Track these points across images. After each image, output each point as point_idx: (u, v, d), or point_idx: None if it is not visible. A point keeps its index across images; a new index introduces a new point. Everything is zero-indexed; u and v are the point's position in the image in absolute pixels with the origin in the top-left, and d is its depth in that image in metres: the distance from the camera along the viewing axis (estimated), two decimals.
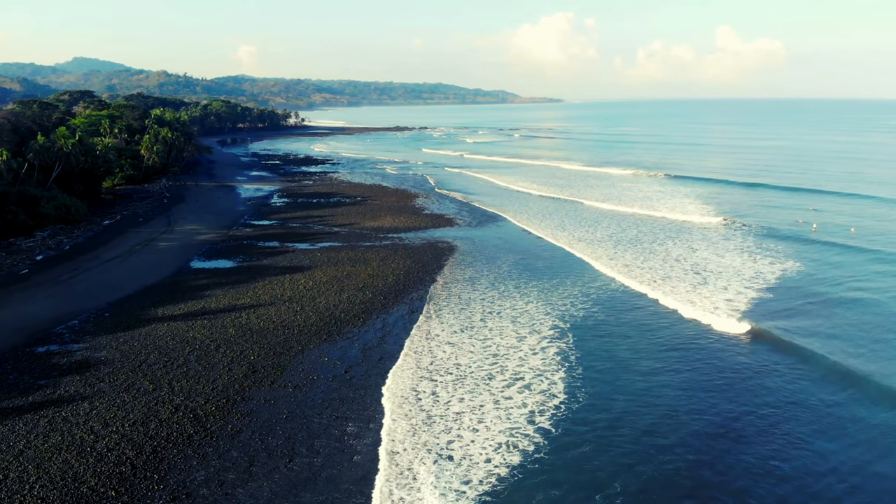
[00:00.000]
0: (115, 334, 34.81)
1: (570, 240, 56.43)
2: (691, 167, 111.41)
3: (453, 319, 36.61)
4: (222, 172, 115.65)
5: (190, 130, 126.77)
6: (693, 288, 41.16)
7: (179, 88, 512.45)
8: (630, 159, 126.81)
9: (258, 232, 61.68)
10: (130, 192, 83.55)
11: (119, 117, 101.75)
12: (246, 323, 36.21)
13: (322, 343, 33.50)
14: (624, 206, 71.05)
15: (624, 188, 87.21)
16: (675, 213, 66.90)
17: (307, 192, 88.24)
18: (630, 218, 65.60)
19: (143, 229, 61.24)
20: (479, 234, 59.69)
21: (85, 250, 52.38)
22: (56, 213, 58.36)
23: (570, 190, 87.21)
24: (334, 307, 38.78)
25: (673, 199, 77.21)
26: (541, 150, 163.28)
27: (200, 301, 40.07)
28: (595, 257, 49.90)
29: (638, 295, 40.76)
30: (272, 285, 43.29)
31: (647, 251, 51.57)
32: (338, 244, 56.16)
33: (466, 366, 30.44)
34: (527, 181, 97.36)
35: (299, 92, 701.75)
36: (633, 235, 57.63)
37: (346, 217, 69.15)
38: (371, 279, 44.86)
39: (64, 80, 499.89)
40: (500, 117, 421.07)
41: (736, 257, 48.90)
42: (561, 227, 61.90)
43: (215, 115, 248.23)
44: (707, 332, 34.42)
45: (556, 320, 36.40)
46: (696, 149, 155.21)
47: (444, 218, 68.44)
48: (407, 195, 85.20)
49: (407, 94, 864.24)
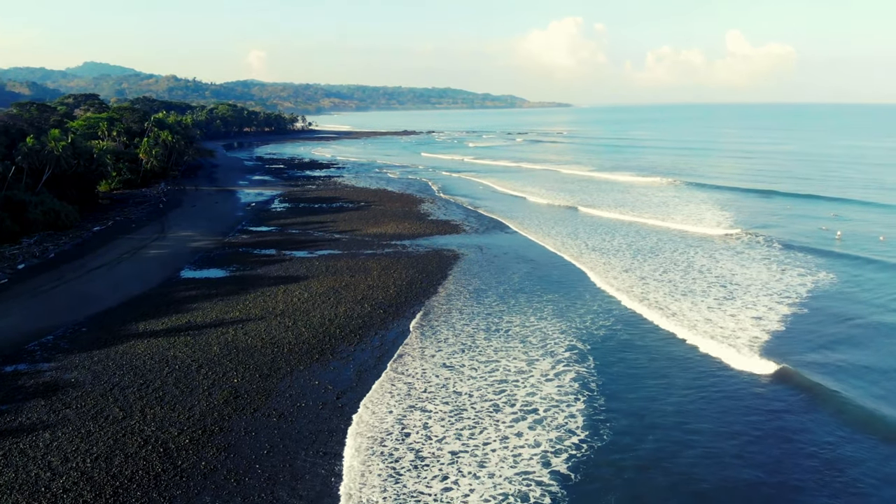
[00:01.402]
0: (90, 352, 32.04)
1: (584, 249, 53.36)
2: (706, 173, 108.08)
3: (453, 338, 33.56)
4: (224, 176, 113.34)
5: (192, 134, 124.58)
6: (718, 304, 37.91)
7: (188, 93, 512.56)
8: (642, 164, 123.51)
9: (255, 239, 58.97)
10: (127, 197, 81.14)
11: (118, 120, 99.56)
12: (232, 340, 33.37)
13: (313, 363, 30.60)
14: (639, 216, 67.13)
15: (637, 195, 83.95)
16: (692, 221, 63.51)
17: (309, 197, 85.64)
18: (646, 228, 61.89)
19: (135, 236, 58.62)
20: (486, 242, 56.73)
21: (71, 258, 49.76)
22: (44, 218, 55.84)
23: (580, 196, 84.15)
24: (329, 322, 35.90)
25: (689, 206, 74.00)
26: (549, 155, 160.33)
27: (186, 315, 37.29)
28: (610, 268, 46.80)
29: (661, 312, 37.56)
30: (264, 297, 40.48)
31: (668, 262, 48.31)
32: (338, 252, 53.36)
33: (467, 394, 27.12)
34: (535, 187, 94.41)
35: (308, 97, 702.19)
36: (652, 245, 54.38)
37: (347, 223, 66.40)
38: (371, 290, 41.99)
39: (74, 84, 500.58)
40: (509, 121, 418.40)
41: (762, 269, 45.62)
42: (573, 236, 58.83)
43: (221, 118, 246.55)
44: (741, 359, 30.26)
45: (573, 340, 33.13)
46: (709, 153, 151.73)
47: (450, 224, 65.56)
48: (412, 200, 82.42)
49: (415, 99, 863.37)
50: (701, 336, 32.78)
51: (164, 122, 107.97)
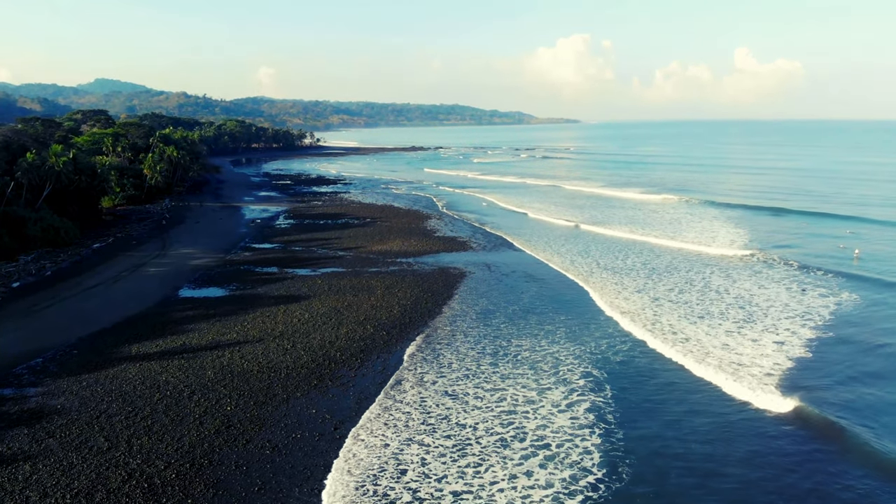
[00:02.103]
0: (79, 376, 30.63)
1: (595, 268, 51.73)
2: (717, 189, 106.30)
3: (457, 363, 31.89)
4: (230, 192, 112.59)
5: (198, 149, 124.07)
6: (738, 328, 36.11)
7: (198, 109, 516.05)
8: (652, 181, 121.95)
9: (257, 256, 57.67)
10: (130, 213, 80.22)
11: (123, 136, 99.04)
12: (228, 364, 31.88)
13: (311, 390, 29.04)
14: (651, 234, 64.84)
15: (648, 213, 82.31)
16: (706, 239, 61.57)
17: (315, 214, 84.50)
18: (658, 247, 59.73)
19: (135, 253, 57.45)
20: (493, 260, 55.21)
21: (68, 276, 48.56)
22: (44, 235, 54.78)
23: (590, 213, 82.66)
24: (329, 345, 34.38)
25: (702, 223, 72.31)
26: (558, 171, 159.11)
27: (181, 336, 35.87)
28: (623, 287, 45.13)
29: (677, 336, 35.83)
30: (263, 318, 39.03)
31: (684, 281, 46.54)
32: (341, 270, 51.96)
33: (471, 426, 25.28)
34: (543, 204, 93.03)
35: (317, 113, 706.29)
36: (666, 264, 52.59)
37: (352, 240, 65.07)
38: (374, 311, 40.49)
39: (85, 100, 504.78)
40: (517, 138, 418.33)
41: (781, 290, 43.81)
42: (584, 254, 57.22)
43: (229, 134, 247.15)
44: (765, 395, 27.70)
45: (587, 366, 31.30)
46: (719, 169, 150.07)
47: (456, 241, 64.11)
48: (418, 216, 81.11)
49: (424, 116, 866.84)
50: (721, 364, 30.94)
51: (169, 138, 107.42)
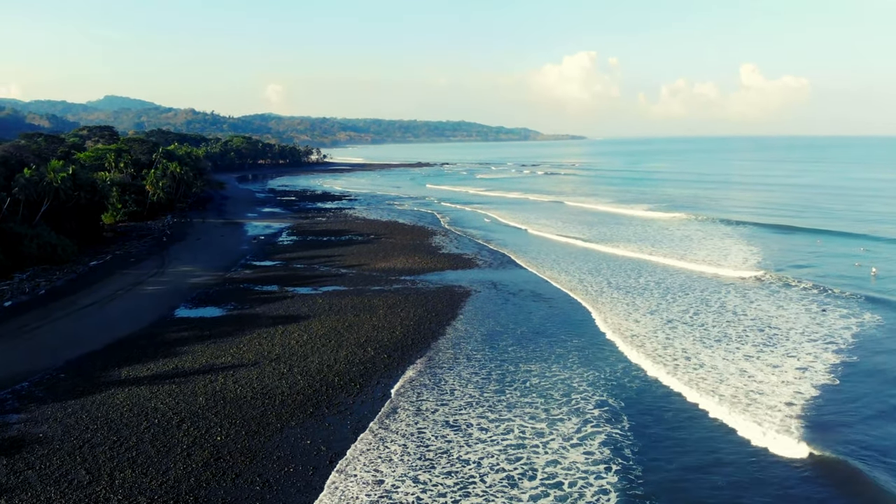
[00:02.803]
0: (65, 402, 29.16)
1: (606, 287, 50.07)
2: (728, 206, 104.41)
3: (460, 389, 30.20)
4: (234, 209, 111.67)
5: (202, 165, 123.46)
6: (757, 352, 34.34)
7: (206, 126, 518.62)
8: (661, 198, 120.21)
9: (258, 274, 56.30)
10: (131, 230, 79.18)
11: (127, 151, 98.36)
12: (221, 389, 30.35)
13: (307, 419, 27.44)
14: (662, 254, 62.52)
15: (658, 230, 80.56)
16: (720, 259, 59.59)
17: (318, 230, 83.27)
18: (670, 267, 57.61)
19: (133, 271, 56.17)
20: (499, 278, 53.64)
21: (62, 295, 47.26)
22: (40, 252, 53.60)
23: (599, 230, 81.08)
24: (328, 369, 32.81)
25: (714, 241, 70.53)
26: (565, 187, 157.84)
27: (174, 359, 34.39)
28: (635, 308, 43.45)
29: (696, 361, 34.09)
30: (260, 339, 37.53)
31: (699, 302, 44.75)
32: (343, 288, 50.50)
33: (474, 463, 23.43)
34: (550, 220, 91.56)
35: (325, 130, 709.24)
36: (680, 284, 50.81)
37: (355, 257, 63.67)
38: (375, 331, 38.95)
39: (94, 117, 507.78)
40: (523, 154, 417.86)
41: (801, 310, 41.97)
42: (594, 272, 55.55)
43: (235, 151, 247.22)
44: (790, 441, 25.05)
45: (602, 394, 29.48)
46: (728, 186, 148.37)
47: (462, 258, 62.63)
48: (423, 233, 79.74)
49: (430, 132, 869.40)
50: (738, 394, 29.15)
51: (173, 154, 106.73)
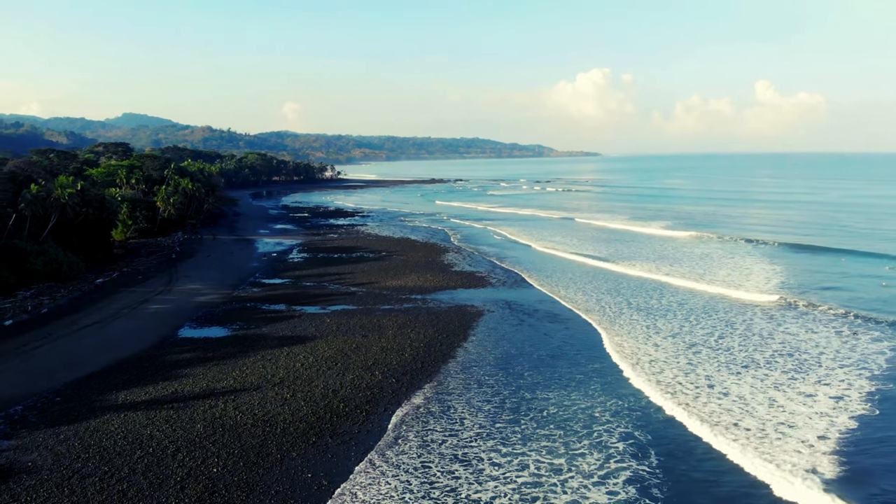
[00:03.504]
0: (58, 428, 27.83)
1: (625, 308, 48.24)
2: (747, 224, 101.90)
3: (471, 418, 28.44)
4: (245, 225, 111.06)
5: (215, 182, 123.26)
6: (789, 380, 32.34)
7: (223, 143, 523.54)
8: (678, 215, 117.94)
9: (266, 292, 55.06)
10: (141, 246, 78.51)
11: (139, 167, 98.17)
12: (220, 415, 28.88)
13: (309, 448, 25.87)
14: (681, 275, 59.66)
15: (677, 250, 78.41)
16: (742, 279, 57.25)
17: (329, 247, 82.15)
18: (691, 288, 55.20)
19: (139, 289, 55.14)
20: (513, 298, 52.00)
21: (64, 313, 46.20)
22: (45, 269, 52.76)
23: (616, 249, 79.21)
24: (333, 394, 31.26)
25: (734, 260, 68.45)
26: (580, 202, 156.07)
27: (174, 383, 33.02)
28: (656, 331, 41.60)
29: (721, 388, 32.19)
30: (264, 362, 36.11)
31: (723, 324, 42.82)
32: (352, 307, 49.09)
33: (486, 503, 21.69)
34: (565, 238, 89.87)
35: (340, 147, 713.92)
36: (703, 305, 48.86)
37: (366, 275, 62.33)
38: (384, 354, 37.40)
39: (112, 134, 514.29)
40: (537, 170, 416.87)
41: (830, 334, 39.83)
42: (613, 293, 53.72)
43: (250, 167, 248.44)
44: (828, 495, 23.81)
45: (627, 425, 27.44)
46: (747, 203, 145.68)
47: (475, 277, 61.07)
48: (435, 250, 78.34)
49: (444, 149, 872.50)
50: (766, 426, 27.23)
51: (185, 170, 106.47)
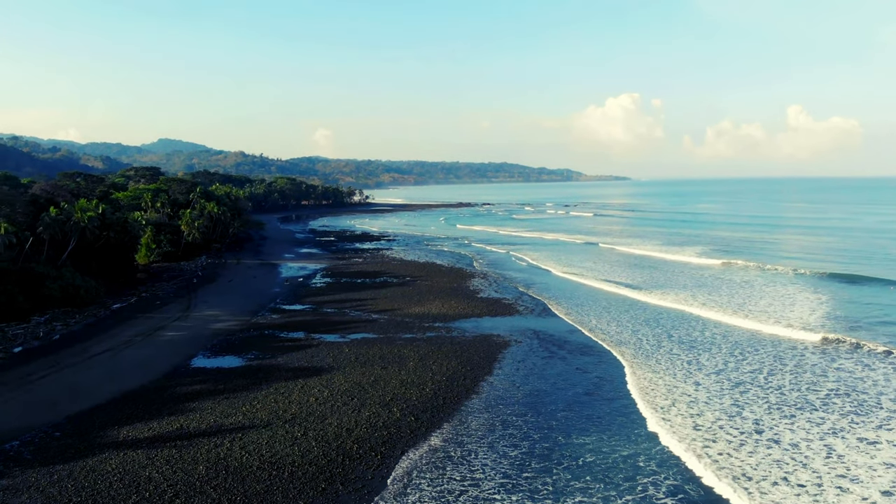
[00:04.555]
0: (53, 467, 25.99)
1: (664, 339, 45.29)
2: (786, 252, 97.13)
3: (492, 466, 25.87)
4: (271, 249, 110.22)
5: (241, 205, 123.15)
6: (850, 424, 29.18)
7: (255, 168, 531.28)
8: (713, 241, 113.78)
9: (285, 319, 53.27)
10: (164, 270, 77.69)
11: (165, 191, 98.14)
12: (225, 456, 26.78)
13: (317, 497, 23.57)
14: (722, 307, 55.54)
15: (712, 279, 74.71)
16: (787, 312, 53.22)
17: (353, 272, 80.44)
18: (733, 322, 50.76)
19: (156, 315, 53.78)
20: (542, 328, 49.40)
21: (76, 340, 44.83)
22: (62, 294, 51.75)
23: (649, 276, 76.00)
24: (347, 434, 28.98)
25: (775, 289, 64.88)
26: (609, 229, 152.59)
27: (180, 418, 31.09)
28: (699, 367, 38.63)
29: (772, 434, 29.19)
30: (277, 395, 34.04)
31: (772, 358, 39.65)
32: (373, 336, 46.98)
33: None
34: (594, 265, 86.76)
35: (369, 172, 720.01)
36: (747, 339, 45.77)
37: (389, 301, 60.28)
38: (403, 388, 35.09)
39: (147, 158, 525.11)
40: (565, 194, 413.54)
41: (890, 372, 36.40)
42: (650, 323, 50.75)
43: (279, 191, 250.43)
44: None
45: (676, 477, 24.64)
46: (783, 229, 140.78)
47: (501, 304, 58.60)
48: (460, 275, 76.08)
49: (472, 173, 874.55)
50: (824, 481, 24.20)
51: (211, 194, 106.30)
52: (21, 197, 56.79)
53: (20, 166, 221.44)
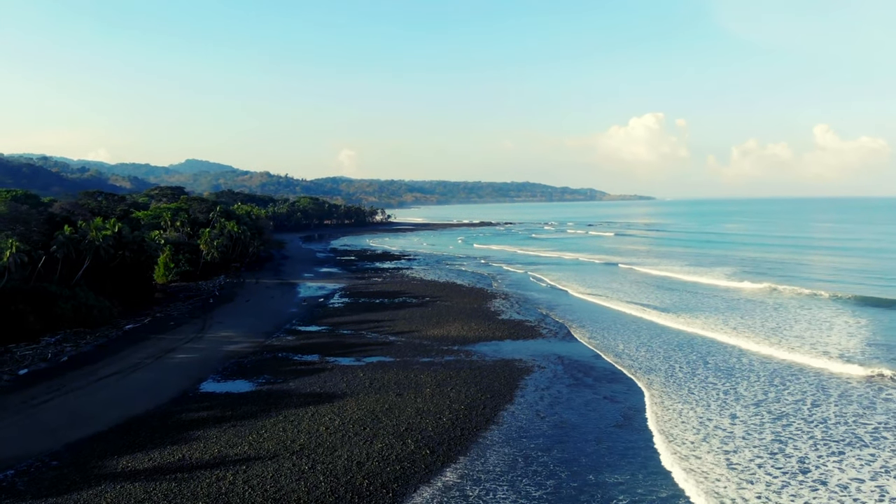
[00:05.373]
0: (46, 500, 24.50)
1: (700, 367, 42.84)
2: (821, 274, 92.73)
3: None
4: (291, 268, 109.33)
5: (262, 225, 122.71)
6: None
7: (280, 188, 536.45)
8: (742, 262, 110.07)
9: (300, 341, 51.74)
10: (181, 290, 76.86)
11: (185, 210, 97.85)
12: (227, 491, 25.05)
13: None
14: (753, 335, 51.67)
15: (744, 303, 71.81)
16: (825, 339, 50.33)
17: (372, 291, 78.90)
18: (771, 354, 47.18)
19: (168, 336, 52.58)
20: (566, 352, 47.21)
21: (84, 363, 43.63)
22: (74, 314, 50.85)
23: (676, 298, 73.26)
24: (357, 467, 27.09)
25: (811, 313, 61.86)
26: (634, 248, 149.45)
27: (183, 447, 29.47)
28: (736, 398, 36.15)
29: (821, 473, 26.72)
30: (286, 424, 32.32)
31: (814, 388, 37.11)
32: (389, 360, 45.18)
33: None
34: (620, 286, 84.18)
35: (392, 191, 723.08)
36: (787, 371, 43.21)
37: (407, 322, 58.53)
38: (419, 417, 33.16)
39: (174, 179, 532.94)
40: (589, 214, 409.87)
41: None
42: (681, 349, 48.30)
43: (302, 211, 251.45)
44: None
45: None
46: (816, 250, 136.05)
47: (522, 327, 56.49)
48: (481, 296, 74.12)
49: (495, 193, 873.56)
50: None
51: (231, 213, 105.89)
52: (38, 215, 56.24)
53: (48, 186, 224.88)
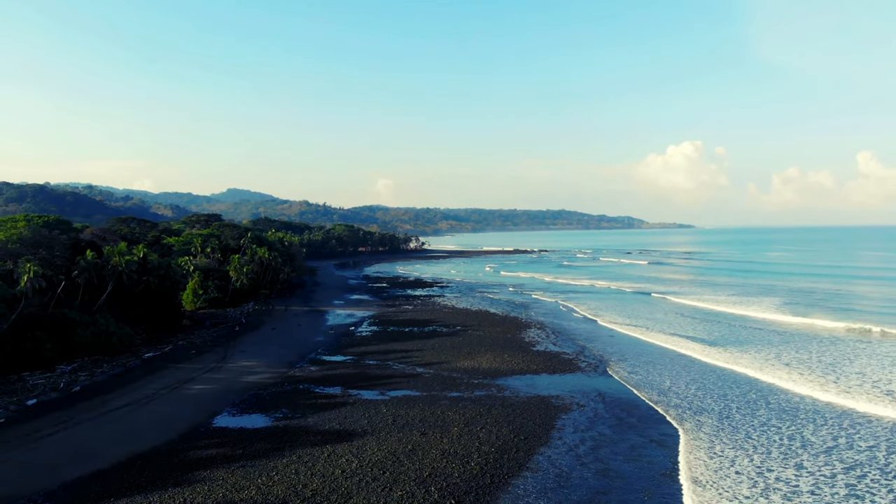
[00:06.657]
0: None
1: (762, 408, 38.91)
2: (877, 306, 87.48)
3: None
4: (322, 295, 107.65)
5: (294, 251, 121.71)
6: None
7: (318, 216, 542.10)
8: (791, 292, 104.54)
9: (323, 372, 49.26)
10: (208, 317, 75.43)
11: (216, 236, 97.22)
12: None
13: None
14: (809, 380, 45.59)
15: (797, 337, 67.27)
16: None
17: (401, 320, 76.31)
18: (832, 402, 42.21)
19: (187, 365, 50.62)
20: (606, 389, 43.68)
21: (97, 393, 41.76)
22: (93, 341, 49.38)
23: (721, 330, 68.88)
24: None
25: (871, 346, 57.07)
26: (675, 276, 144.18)
27: (185, 490, 26.96)
28: (803, 445, 32.27)
29: None
30: (299, 465, 29.61)
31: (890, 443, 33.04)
32: (415, 394, 42.30)
33: None
34: (666, 316, 79.89)
35: (427, 219, 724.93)
36: (861, 427, 39.08)
37: (436, 352, 55.65)
38: (444, 461, 30.11)
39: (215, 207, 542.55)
40: (626, 241, 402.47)
41: None
42: (742, 385, 44.34)
43: (337, 238, 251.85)
44: None
45: None
46: (869, 280, 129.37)
47: (558, 359, 53.06)
48: (514, 325, 70.86)
49: (530, 221, 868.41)
50: None
51: (263, 239, 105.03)
52: (64, 241, 55.40)
53: (91, 214, 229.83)
